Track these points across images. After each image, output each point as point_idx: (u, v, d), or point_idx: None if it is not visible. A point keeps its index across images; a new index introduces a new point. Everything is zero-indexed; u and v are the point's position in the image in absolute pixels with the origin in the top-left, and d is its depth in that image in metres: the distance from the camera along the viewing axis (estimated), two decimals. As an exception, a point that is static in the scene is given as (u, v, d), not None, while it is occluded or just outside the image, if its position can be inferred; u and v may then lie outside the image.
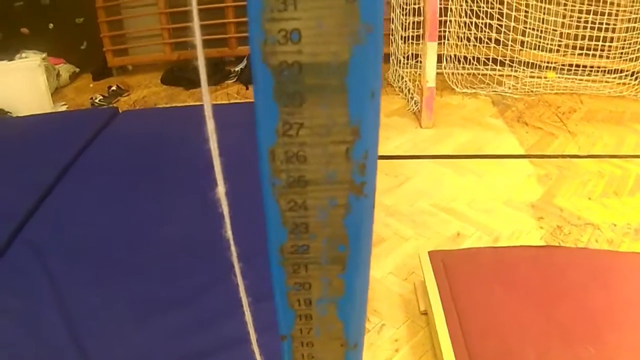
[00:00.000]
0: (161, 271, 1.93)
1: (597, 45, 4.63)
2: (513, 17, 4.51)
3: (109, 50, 5.31)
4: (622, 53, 4.67)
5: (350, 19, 0.37)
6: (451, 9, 4.55)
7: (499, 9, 4.50)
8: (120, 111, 3.46)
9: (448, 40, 4.67)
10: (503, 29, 4.56)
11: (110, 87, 4.92)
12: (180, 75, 4.94)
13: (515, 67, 4.68)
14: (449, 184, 3.27)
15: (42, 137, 3.03)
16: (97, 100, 4.71)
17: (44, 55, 4.97)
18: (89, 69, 5.43)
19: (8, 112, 4.37)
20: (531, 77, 4.67)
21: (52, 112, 4.39)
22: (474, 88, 4.63)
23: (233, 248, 0.53)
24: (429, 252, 2.24)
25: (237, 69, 5.15)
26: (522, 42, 4.64)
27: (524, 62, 4.66)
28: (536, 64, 4.67)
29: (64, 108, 4.75)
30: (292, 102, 0.40)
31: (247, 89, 4.80)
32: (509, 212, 2.97)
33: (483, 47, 4.66)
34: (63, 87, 5.25)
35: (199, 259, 1.92)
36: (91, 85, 5.26)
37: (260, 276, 0.57)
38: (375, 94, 0.40)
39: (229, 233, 0.51)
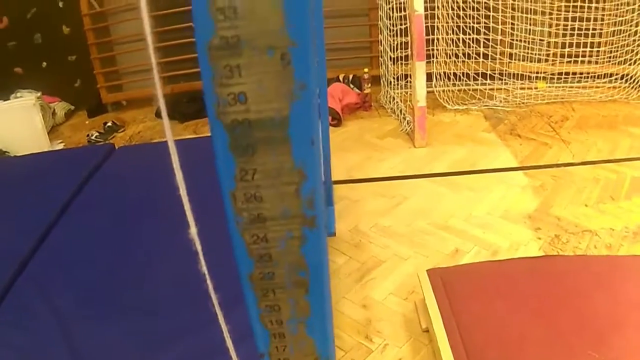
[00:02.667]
0: (163, 306, 1.98)
1: (585, 51, 4.69)
2: (500, 30, 4.58)
3: (103, 86, 5.38)
4: (610, 57, 4.72)
5: (286, 80, 0.44)
6: (438, 27, 4.61)
7: (485, 23, 4.56)
8: (116, 147, 3.52)
9: (436, 58, 4.73)
10: (490, 43, 4.61)
11: (105, 123, 4.97)
12: (173, 108, 4.97)
13: (505, 79, 4.72)
14: (446, 201, 3.32)
15: (40, 176, 3.09)
16: (93, 137, 4.77)
17: (39, 94, 5.03)
18: (84, 106, 5.49)
19: (6, 151, 4.44)
20: (521, 88, 4.73)
21: (49, 150, 4.44)
22: (465, 104, 4.69)
23: (209, 283, 0.59)
24: (427, 271, 2.28)
25: (232, 99, 5.15)
26: (511, 55, 4.69)
27: (514, 74, 4.71)
28: (526, 75, 4.72)
29: (60, 146, 4.81)
30: (245, 152, 0.48)
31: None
32: (506, 225, 3.01)
33: (472, 62, 4.71)
34: (59, 125, 5.31)
35: (199, 294, 1.96)
36: (87, 122, 5.32)
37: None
38: (315, 141, 0.48)
39: (204, 269, 0.57)
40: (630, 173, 3.46)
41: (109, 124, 4.95)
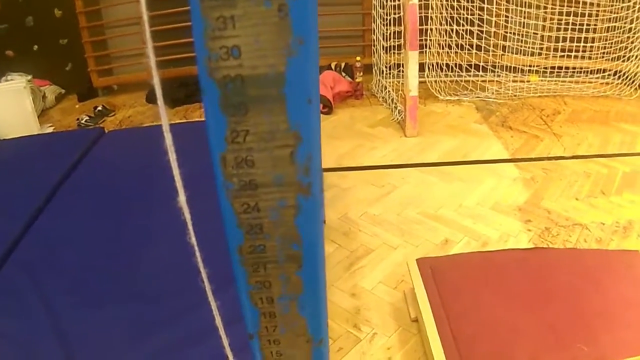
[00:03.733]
0: (153, 291, 1.95)
1: (579, 46, 4.68)
2: (494, 22, 4.56)
3: (94, 70, 5.32)
4: (604, 53, 4.73)
5: (284, 33, 0.41)
6: (431, 17, 4.58)
7: (479, 15, 4.55)
8: (106, 131, 3.48)
9: (429, 48, 4.70)
10: (484, 35, 4.60)
11: (96, 107, 4.93)
12: (164, 94, 4.93)
13: (497, 72, 4.71)
14: (436, 191, 3.30)
15: (29, 160, 3.05)
16: (83, 121, 4.73)
17: (30, 77, 4.98)
18: (74, 90, 5.44)
19: (-6, 133, 4.39)
20: (514, 81, 4.72)
21: (39, 134, 4.40)
22: (457, 95, 4.67)
23: (198, 254, 0.56)
24: (417, 260, 2.27)
25: (221, 85, 5.12)
26: (504, 47, 4.68)
27: (506, 66, 4.70)
28: (518, 68, 4.71)
29: (50, 130, 4.77)
30: (237, 112, 0.44)
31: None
32: (496, 217, 3.00)
33: (465, 53, 4.70)
34: (49, 108, 5.26)
35: (190, 279, 1.94)
36: (77, 106, 5.27)
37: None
38: (313, 101, 0.44)
39: (193, 240, 0.54)
40: (622, 168, 3.45)
41: (99, 108, 4.91)
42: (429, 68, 4.76)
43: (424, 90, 4.57)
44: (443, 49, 4.71)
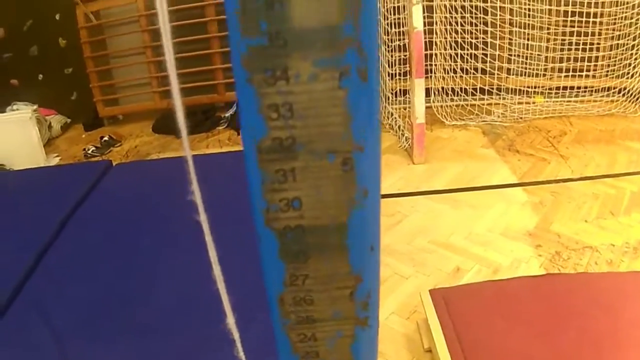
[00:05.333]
0: (163, 325, 1.97)
1: (583, 65, 4.71)
2: (497, 45, 4.59)
3: (99, 100, 5.38)
4: (608, 71, 4.75)
5: (348, 186, 0.42)
6: (436, 43, 4.62)
7: (483, 38, 4.58)
8: (113, 164, 3.50)
9: (434, 73, 4.74)
10: (488, 58, 4.63)
11: (102, 137, 4.97)
12: (171, 123, 4.95)
13: (502, 95, 4.73)
14: (446, 218, 3.32)
15: (36, 193, 3.07)
16: (90, 152, 4.77)
17: (35, 107, 5.03)
18: (80, 120, 5.49)
19: (1, 164, 4.45)
20: (519, 103, 4.74)
21: (46, 166, 4.44)
22: (464, 119, 4.69)
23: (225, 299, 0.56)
24: (430, 291, 2.28)
25: (227, 115, 5.20)
26: (508, 70, 4.71)
27: (511, 89, 4.73)
28: (523, 90, 4.74)
29: (57, 160, 4.81)
30: (297, 259, 0.45)
31: (239, 134, 4.82)
32: (506, 243, 3.02)
33: (470, 77, 4.72)
34: (55, 138, 5.31)
35: (200, 312, 1.95)
36: (83, 135, 5.32)
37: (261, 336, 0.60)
38: (375, 247, 0.45)
39: (221, 287, 0.54)
40: (629, 188, 3.47)
41: (106, 138, 4.95)
42: (434, 93, 4.78)
43: (430, 116, 4.59)
44: (448, 73, 4.74)
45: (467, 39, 4.60)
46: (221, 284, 0.54)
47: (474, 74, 4.70)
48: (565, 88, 4.78)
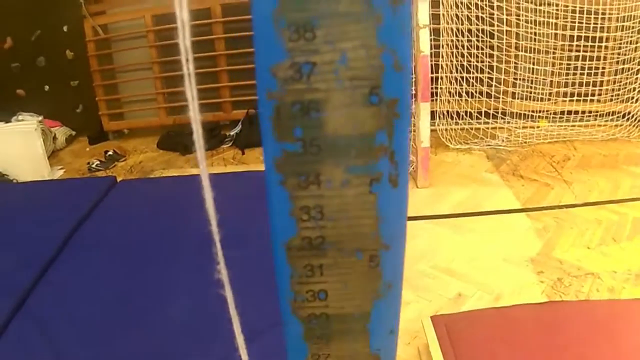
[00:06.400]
0: (168, 347, 1.97)
1: (588, 90, 4.73)
2: (503, 69, 4.61)
3: (105, 114, 5.41)
4: (612, 96, 4.76)
5: (373, 279, 0.43)
6: (442, 66, 4.64)
7: (489, 62, 4.60)
8: (118, 180, 3.51)
9: (440, 96, 4.75)
10: (494, 82, 4.65)
11: (107, 151, 4.99)
12: (176, 140, 5.00)
13: (507, 119, 4.76)
14: (448, 243, 3.33)
15: (40, 207, 3.07)
16: (94, 166, 4.78)
17: (40, 118, 5.04)
18: (85, 133, 5.50)
19: (5, 174, 4.47)
20: (524, 127, 4.76)
21: (50, 180, 4.44)
22: (468, 143, 4.71)
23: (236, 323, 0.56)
24: (431, 317, 2.29)
25: (232, 133, 5.21)
26: (513, 94, 4.72)
27: (516, 113, 4.75)
28: (528, 114, 4.75)
29: (61, 172, 4.82)
30: (320, 341, 0.47)
31: (243, 153, 4.88)
32: (508, 269, 3.03)
33: (475, 101, 4.75)
34: (59, 150, 5.32)
35: (206, 334, 1.96)
36: (88, 149, 5.33)
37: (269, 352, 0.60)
38: (394, 330, 0.47)
39: (232, 312, 0.54)
40: (632, 214, 3.49)
41: (110, 152, 4.96)
42: (439, 116, 4.79)
43: (435, 139, 4.59)
44: (453, 96, 4.76)
45: (473, 62, 4.62)
46: (232, 306, 0.54)
47: (479, 97, 4.72)
48: (569, 112, 4.81)
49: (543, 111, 4.80)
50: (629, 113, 4.73)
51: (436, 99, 4.71)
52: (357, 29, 0.36)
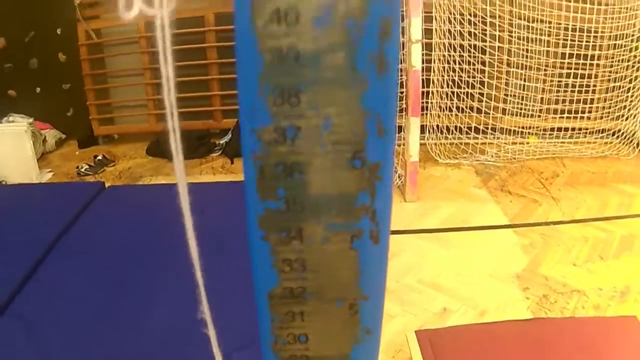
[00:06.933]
0: (153, 350, 1.98)
1: (578, 107, 4.77)
2: (494, 85, 4.65)
3: (95, 118, 5.42)
4: (602, 114, 4.80)
5: (352, 325, 0.45)
6: (433, 81, 4.67)
7: (481, 78, 4.63)
8: (106, 186, 3.51)
9: (430, 111, 4.78)
10: (485, 98, 4.68)
11: (96, 156, 5.00)
12: (165, 147, 4.94)
13: (497, 134, 4.79)
14: (435, 258, 3.35)
15: (27, 211, 3.07)
16: (83, 170, 4.78)
17: (31, 120, 5.06)
18: (75, 136, 5.51)
19: (-5, 176, 4.46)
20: (513, 143, 4.80)
21: (39, 183, 4.44)
22: (457, 158, 4.74)
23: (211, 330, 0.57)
24: (416, 332, 2.30)
25: (222, 141, 5.22)
26: (504, 110, 4.75)
27: (506, 129, 4.78)
28: (518, 130, 4.78)
29: (49, 175, 4.82)
30: None
31: (232, 162, 4.87)
32: (494, 285, 3.05)
33: (465, 116, 4.78)
34: (49, 153, 5.33)
35: (191, 340, 1.97)
36: (77, 152, 5.34)
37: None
38: None
39: (207, 316, 0.56)
40: (619, 232, 3.52)
41: (99, 157, 4.97)
42: (429, 131, 4.82)
43: (424, 153, 4.63)
44: (443, 111, 4.79)
45: (464, 77, 4.66)
46: (209, 319, 0.55)
47: (469, 112, 4.76)
48: (559, 129, 4.84)
49: (533, 127, 4.84)
50: (619, 131, 4.77)
51: (426, 113, 4.74)
52: (342, 95, 0.38)
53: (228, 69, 4.87)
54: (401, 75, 4.14)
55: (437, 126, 4.82)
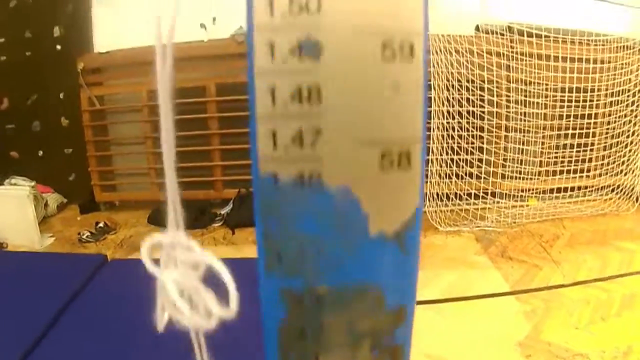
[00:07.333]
0: None
1: (577, 166, 4.80)
2: (493, 151, 4.70)
3: (97, 184, 5.49)
4: (601, 171, 4.84)
5: None
6: (432, 150, 4.74)
7: (480, 144, 4.69)
8: (108, 259, 3.52)
9: (429, 179, 4.83)
10: (484, 164, 4.75)
11: (97, 223, 5.03)
12: (165, 216, 4.98)
13: (497, 199, 4.85)
14: (435, 328, 3.36)
15: (26, 284, 3.03)
16: (84, 237, 4.80)
17: (33, 183, 5.10)
18: (76, 201, 5.56)
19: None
20: (513, 207, 4.85)
21: (40, 252, 4.46)
22: (457, 225, 4.77)
23: None
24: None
25: (223, 212, 5.23)
26: (503, 175, 4.79)
27: (505, 193, 4.84)
28: (518, 194, 4.81)
29: (51, 240, 4.85)
30: None
31: (234, 233, 4.90)
32: (497, 354, 3.07)
33: (464, 182, 4.84)
34: (50, 216, 5.37)
35: None
36: (78, 218, 5.39)
37: None
38: None
39: None
40: (621, 291, 3.55)
41: (101, 224, 5.00)
42: (429, 199, 4.87)
43: (425, 222, 4.68)
44: (443, 179, 4.86)
45: (463, 144, 4.71)
46: None
47: (468, 179, 4.82)
48: (559, 190, 4.88)
49: (532, 190, 4.87)
50: (618, 187, 4.80)
51: (426, 182, 4.79)
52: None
53: (229, 139, 4.94)
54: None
55: (437, 194, 4.87)
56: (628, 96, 4.75)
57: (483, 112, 4.65)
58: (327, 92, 0.43)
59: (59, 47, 5.36)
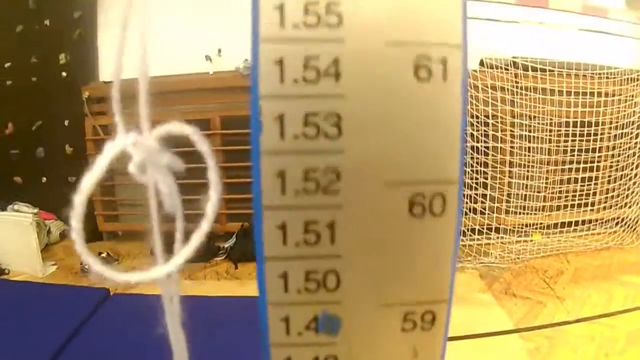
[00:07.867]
0: None
1: (582, 200, 4.80)
2: (497, 187, 4.70)
3: (100, 214, 5.50)
4: (605, 205, 4.83)
5: None
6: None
7: (483, 180, 4.73)
8: (111, 294, 3.52)
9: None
10: (487, 200, 4.76)
11: (100, 253, 5.02)
12: (168, 249, 4.97)
13: (500, 235, 4.86)
14: (440, 369, 3.32)
15: (30, 315, 3.04)
16: (87, 267, 4.77)
17: (36, 210, 5.12)
18: (79, 229, 5.52)
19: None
20: (517, 242, 4.86)
21: (42, 283, 4.45)
22: (461, 261, 4.76)
23: None
24: None
25: (226, 245, 5.22)
26: (507, 210, 4.79)
27: (509, 229, 4.85)
28: (522, 229, 4.81)
29: (53, 268, 4.84)
30: None
31: (237, 267, 4.89)
32: (500, 395, 3.04)
33: (468, 219, 4.84)
34: (53, 244, 5.36)
35: None
36: (82, 246, 5.34)
37: None
38: None
39: None
40: (625, 327, 3.55)
41: (104, 255, 4.99)
42: (433, 237, 4.80)
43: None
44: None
45: (466, 180, 4.71)
46: None
47: (472, 214, 4.82)
48: (563, 225, 4.88)
49: (536, 224, 4.87)
50: (622, 220, 4.79)
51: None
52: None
53: (233, 172, 4.93)
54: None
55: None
56: (633, 129, 4.77)
57: (487, 148, 4.67)
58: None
59: (64, 74, 5.39)
